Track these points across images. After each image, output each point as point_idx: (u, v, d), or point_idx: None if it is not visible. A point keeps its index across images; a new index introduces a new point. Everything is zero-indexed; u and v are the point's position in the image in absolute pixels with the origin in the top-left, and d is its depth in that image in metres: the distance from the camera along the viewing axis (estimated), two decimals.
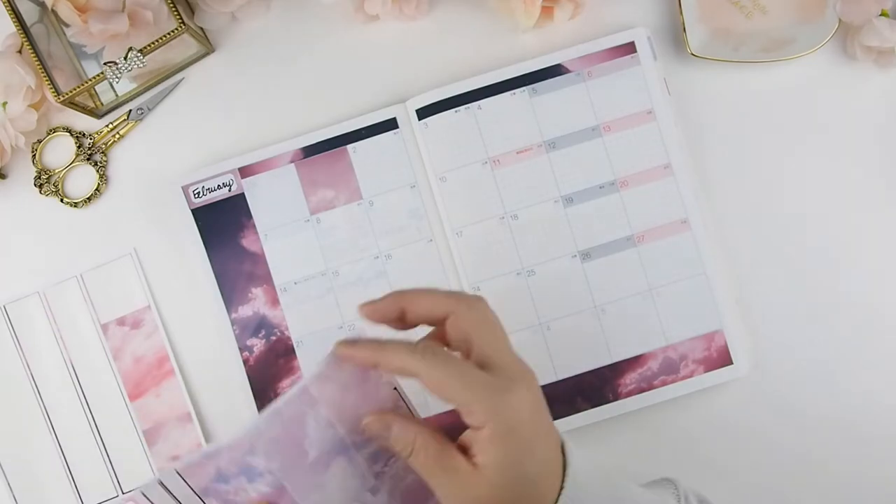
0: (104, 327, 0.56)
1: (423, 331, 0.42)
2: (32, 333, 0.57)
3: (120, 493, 0.56)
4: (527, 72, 0.54)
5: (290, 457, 0.40)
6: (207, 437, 0.56)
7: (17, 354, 0.57)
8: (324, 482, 0.41)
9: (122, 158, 0.58)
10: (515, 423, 0.37)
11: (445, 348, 0.40)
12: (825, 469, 0.53)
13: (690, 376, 0.52)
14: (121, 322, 0.56)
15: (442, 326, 0.40)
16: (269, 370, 0.55)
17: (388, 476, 0.43)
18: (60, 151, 0.58)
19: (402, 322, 0.41)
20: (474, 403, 0.37)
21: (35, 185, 0.58)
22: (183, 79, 0.58)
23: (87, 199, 0.57)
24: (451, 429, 0.54)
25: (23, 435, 0.57)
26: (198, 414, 0.56)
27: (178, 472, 0.39)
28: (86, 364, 0.57)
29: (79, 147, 0.58)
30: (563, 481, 0.38)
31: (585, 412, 0.53)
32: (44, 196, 0.58)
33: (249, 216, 0.55)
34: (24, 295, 0.57)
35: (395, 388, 0.42)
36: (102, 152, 0.58)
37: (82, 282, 0.57)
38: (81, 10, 0.53)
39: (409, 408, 0.43)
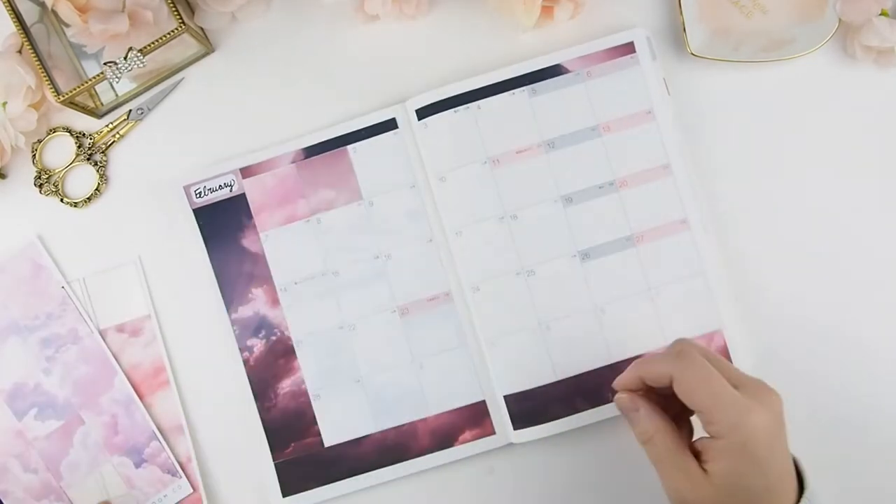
0: (103, 333, 0.56)
1: None
2: None
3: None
4: (526, 72, 0.54)
5: None
6: (198, 451, 0.55)
7: None
8: (3, 353, 0.55)
9: (122, 158, 0.58)
10: (751, 441, 0.39)
11: (699, 352, 0.42)
12: (825, 469, 0.53)
13: None
14: (120, 329, 0.56)
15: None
16: (269, 370, 0.55)
17: (60, 362, 0.55)
18: (60, 151, 0.58)
19: (648, 387, 0.44)
20: (717, 414, 0.40)
21: (35, 184, 0.58)
22: (183, 79, 0.58)
23: (88, 199, 0.57)
24: (451, 429, 0.54)
25: None
26: (198, 415, 0.56)
27: None
28: None
29: (79, 147, 0.58)
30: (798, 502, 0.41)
31: (585, 412, 0.53)
32: (44, 196, 0.58)
33: (250, 216, 0.55)
34: None
35: (63, 287, 0.55)
36: (102, 152, 0.58)
37: (85, 286, 0.57)
38: (81, 10, 0.53)
39: (75, 306, 0.55)
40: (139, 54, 0.52)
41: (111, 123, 0.58)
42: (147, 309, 0.56)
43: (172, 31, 0.52)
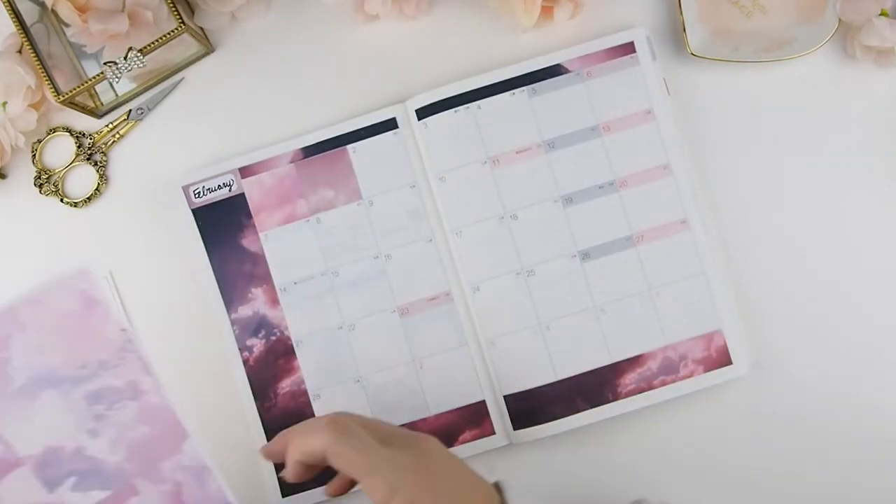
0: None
1: None
2: None
3: None
4: (526, 72, 0.54)
5: None
6: None
7: None
8: (32, 413, 0.40)
9: (122, 158, 0.58)
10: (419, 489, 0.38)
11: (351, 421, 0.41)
12: (825, 469, 0.53)
13: (690, 376, 0.52)
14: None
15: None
16: (269, 370, 0.55)
17: (112, 421, 0.42)
18: (60, 151, 0.58)
19: (315, 469, 0.42)
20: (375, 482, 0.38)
21: (35, 184, 0.58)
22: (183, 79, 0.58)
23: (87, 199, 0.57)
24: (451, 429, 0.54)
25: None
26: (198, 415, 0.56)
27: None
28: None
29: (79, 147, 0.58)
30: None
31: (585, 412, 0.53)
32: (44, 196, 0.58)
33: (249, 216, 0.55)
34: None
35: (124, 330, 0.41)
36: (102, 152, 0.58)
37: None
38: (81, 9, 0.53)
39: (139, 353, 0.42)
40: (139, 54, 0.52)
41: (111, 123, 0.58)
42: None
43: (172, 31, 0.52)
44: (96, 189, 0.57)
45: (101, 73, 0.52)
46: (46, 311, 0.40)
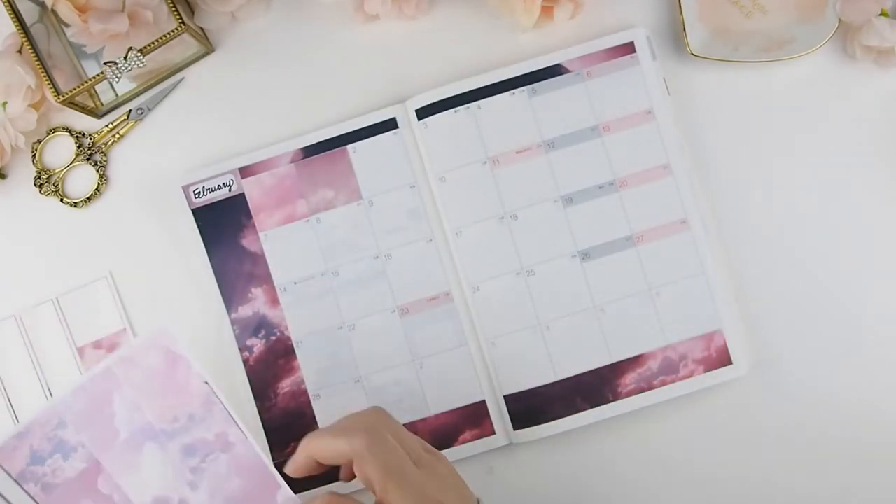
0: (80, 350, 0.56)
1: None
2: (7, 355, 0.57)
3: None
4: (526, 72, 0.54)
5: (101, 431, 0.41)
6: None
7: None
8: (139, 463, 0.42)
9: (122, 158, 0.58)
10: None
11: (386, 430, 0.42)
12: (825, 470, 0.53)
13: (690, 376, 0.52)
14: (97, 345, 0.56)
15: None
16: (269, 370, 0.55)
17: (209, 473, 0.43)
18: (60, 151, 0.58)
19: (322, 468, 0.42)
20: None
21: (35, 184, 0.58)
22: (183, 79, 0.58)
23: (87, 199, 0.57)
24: (451, 429, 0.54)
25: None
26: None
27: None
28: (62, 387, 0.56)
29: (79, 147, 0.58)
30: None
31: (585, 412, 0.53)
32: (44, 196, 0.58)
33: (249, 216, 0.55)
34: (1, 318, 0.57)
35: (206, 383, 0.43)
36: (102, 152, 0.58)
37: (58, 305, 0.57)
38: (81, 9, 0.53)
39: (223, 405, 0.43)
40: (139, 54, 0.52)
41: (111, 123, 0.58)
42: (123, 323, 0.56)
43: (172, 31, 0.52)
44: (96, 189, 0.57)
45: (101, 73, 0.52)
46: (137, 368, 0.42)
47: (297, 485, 0.53)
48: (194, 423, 0.43)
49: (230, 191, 0.56)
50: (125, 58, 0.52)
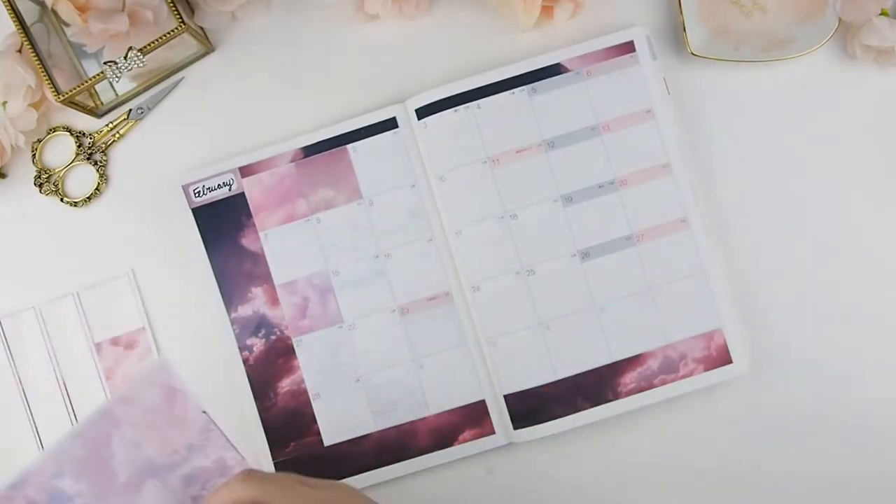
0: (98, 346, 0.56)
1: None
2: (25, 348, 0.57)
3: None
4: (526, 71, 0.54)
5: (100, 477, 0.40)
6: None
7: (10, 369, 0.57)
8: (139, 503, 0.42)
9: (122, 158, 0.58)
10: None
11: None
12: (825, 467, 0.53)
13: (690, 375, 0.52)
14: (115, 342, 0.56)
15: None
16: (268, 370, 0.55)
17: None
18: (60, 151, 0.58)
19: None
20: None
21: (35, 184, 0.58)
22: (183, 78, 0.58)
23: (87, 198, 0.57)
24: (451, 428, 0.54)
25: (11, 451, 0.56)
26: None
27: None
28: (77, 382, 0.56)
29: (79, 146, 0.58)
30: None
31: (585, 411, 0.53)
32: (44, 195, 0.58)
33: (249, 215, 0.55)
34: (18, 310, 0.57)
35: (205, 412, 0.43)
36: (102, 152, 0.58)
37: (78, 300, 0.57)
38: (81, 9, 0.53)
39: (220, 431, 0.43)
40: (139, 54, 0.52)
41: (111, 123, 0.58)
42: (146, 308, 0.56)
43: (172, 31, 0.52)
44: (96, 188, 0.57)
45: (101, 72, 0.52)
46: (136, 406, 0.42)
47: None
48: (193, 452, 0.44)
49: (230, 190, 0.56)
50: (125, 57, 0.52)
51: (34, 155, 0.58)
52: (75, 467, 0.39)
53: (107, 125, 0.58)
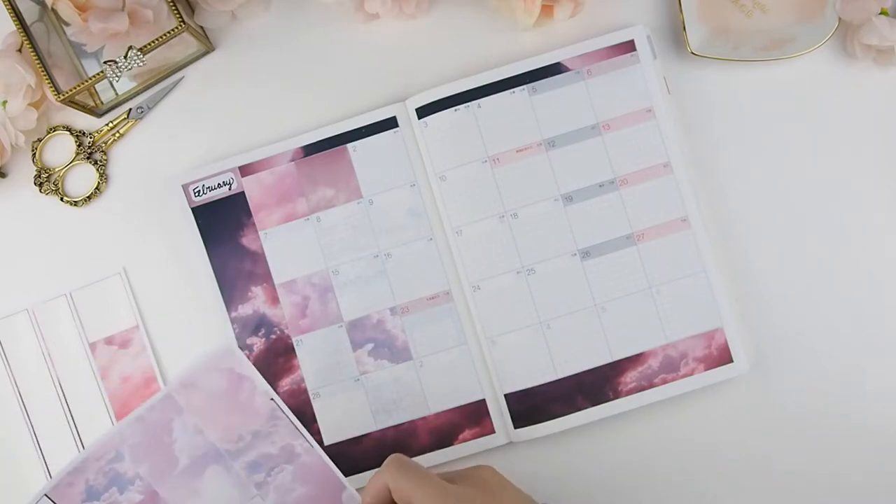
0: (92, 346, 0.56)
1: None
2: (20, 350, 0.57)
3: None
4: (526, 70, 0.54)
5: (159, 461, 0.41)
6: None
7: (5, 371, 0.57)
8: (199, 489, 0.42)
9: (122, 157, 0.58)
10: None
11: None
12: (826, 466, 0.53)
13: (691, 374, 0.52)
14: (109, 341, 0.56)
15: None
16: (269, 369, 0.55)
17: (273, 486, 0.44)
18: (60, 150, 0.58)
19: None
20: None
21: (35, 183, 0.58)
22: (183, 77, 0.58)
23: (87, 197, 0.57)
24: (451, 427, 0.54)
25: (8, 452, 0.57)
26: None
27: (47, 496, 0.39)
28: (73, 382, 0.57)
29: (79, 146, 0.58)
30: None
31: (585, 411, 0.53)
32: (44, 195, 0.58)
33: (249, 215, 0.55)
34: (13, 311, 0.57)
35: (272, 399, 0.43)
36: (102, 151, 0.58)
37: (71, 300, 0.57)
38: (81, 8, 0.53)
39: (288, 419, 0.43)
40: (139, 53, 0.52)
41: (111, 122, 0.58)
42: (135, 320, 0.56)
43: (172, 30, 0.52)
44: (96, 188, 0.57)
45: (101, 71, 0.52)
46: (199, 392, 0.42)
47: None
48: (259, 439, 0.44)
49: (230, 189, 0.56)
50: (125, 57, 0.52)
51: (34, 154, 0.58)
52: (134, 451, 0.40)
53: (107, 124, 0.58)
